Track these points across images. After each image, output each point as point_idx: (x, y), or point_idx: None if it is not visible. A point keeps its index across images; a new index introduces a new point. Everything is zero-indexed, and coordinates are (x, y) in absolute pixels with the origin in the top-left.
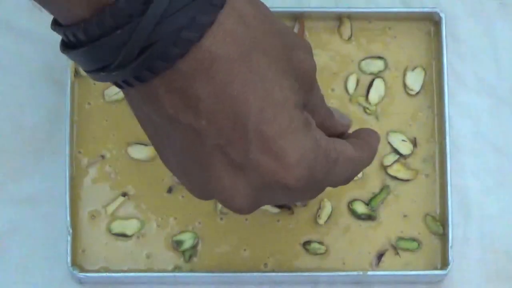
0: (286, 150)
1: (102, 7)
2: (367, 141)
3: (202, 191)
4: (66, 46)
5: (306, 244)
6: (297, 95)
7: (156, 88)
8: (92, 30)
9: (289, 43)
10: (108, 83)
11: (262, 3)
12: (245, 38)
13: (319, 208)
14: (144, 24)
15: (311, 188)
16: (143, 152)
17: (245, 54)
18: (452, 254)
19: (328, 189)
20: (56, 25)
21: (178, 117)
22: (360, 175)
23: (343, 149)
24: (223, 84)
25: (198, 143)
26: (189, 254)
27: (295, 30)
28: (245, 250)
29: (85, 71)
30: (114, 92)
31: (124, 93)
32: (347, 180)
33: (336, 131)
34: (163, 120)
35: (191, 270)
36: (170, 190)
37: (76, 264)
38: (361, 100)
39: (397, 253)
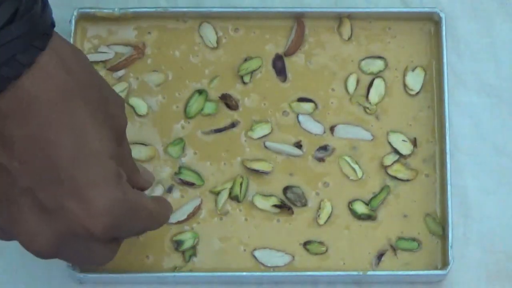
0: (95, 198)
1: None
2: (162, 206)
3: (3, 232)
4: None
5: (306, 244)
6: (112, 147)
7: None
8: None
9: (106, 96)
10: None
11: (82, 52)
12: (66, 84)
13: (319, 208)
14: None
15: (112, 237)
16: (143, 152)
17: (66, 100)
18: (452, 254)
19: (328, 189)
20: None
21: None
22: (360, 175)
23: (145, 202)
24: (39, 127)
25: (8, 183)
26: (189, 254)
27: (294, 30)
28: (244, 250)
29: None
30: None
31: None
32: (143, 231)
33: (139, 186)
34: None
35: (191, 270)
36: (170, 190)
37: None
38: (361, 100)
39: (397, 254)
